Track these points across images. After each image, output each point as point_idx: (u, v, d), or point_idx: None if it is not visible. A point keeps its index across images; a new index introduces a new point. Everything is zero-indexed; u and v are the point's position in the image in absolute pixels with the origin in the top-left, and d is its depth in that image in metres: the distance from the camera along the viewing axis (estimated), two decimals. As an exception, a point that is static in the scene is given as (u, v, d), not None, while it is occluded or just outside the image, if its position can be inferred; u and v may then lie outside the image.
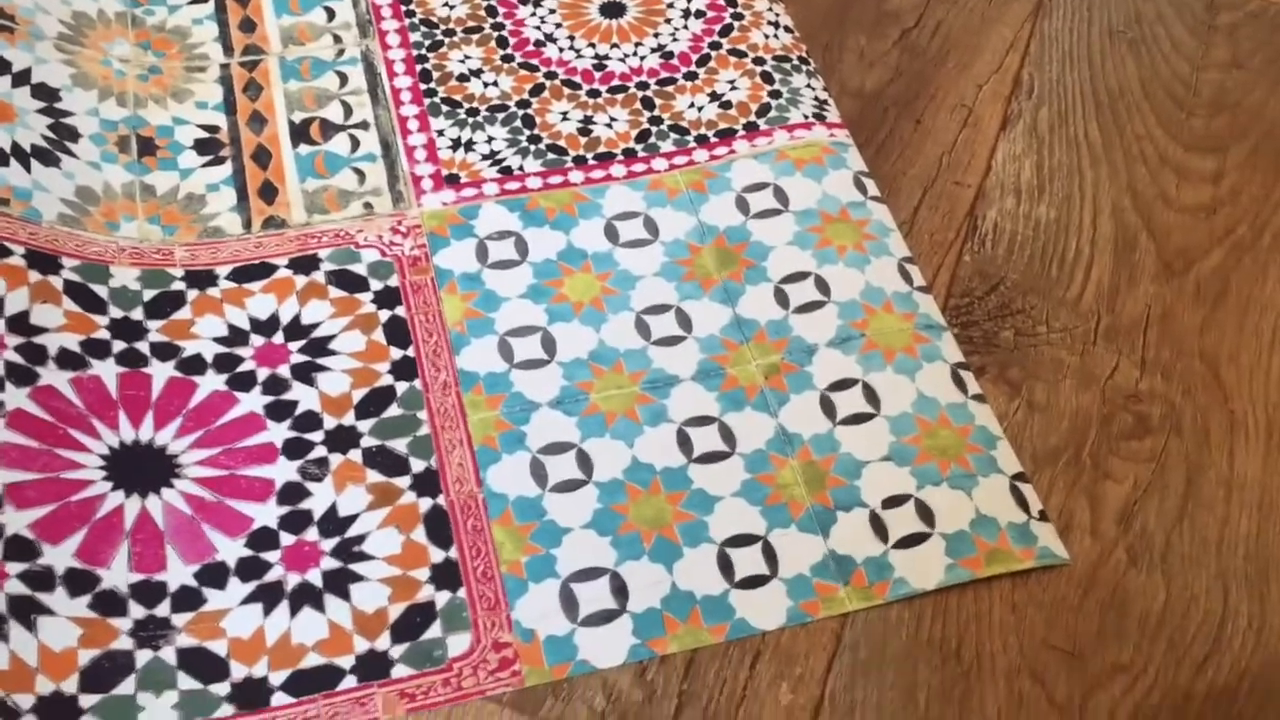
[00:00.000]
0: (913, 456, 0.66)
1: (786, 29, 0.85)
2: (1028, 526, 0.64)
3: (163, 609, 0.57)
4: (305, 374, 0.67)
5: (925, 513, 0.63)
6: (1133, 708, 0.58)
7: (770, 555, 0.62)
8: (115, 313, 0.68)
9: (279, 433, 0.64)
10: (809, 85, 0.82)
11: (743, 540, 0.62)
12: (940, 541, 0.63)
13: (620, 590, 0.60)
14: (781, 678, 0.58)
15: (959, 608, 0.61)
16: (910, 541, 0.63)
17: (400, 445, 0.65)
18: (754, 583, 0.61)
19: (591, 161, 0.78)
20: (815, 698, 0.57)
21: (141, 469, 0.61)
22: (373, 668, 0.56)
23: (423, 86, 0.81)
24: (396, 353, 0.69)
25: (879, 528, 0.63)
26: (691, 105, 0.80)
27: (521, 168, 0.77)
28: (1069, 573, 0.62)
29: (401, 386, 0.67)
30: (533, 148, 0.78)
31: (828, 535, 0.63)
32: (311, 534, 0.61)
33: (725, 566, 0.62)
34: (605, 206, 0.75)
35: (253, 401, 0.66)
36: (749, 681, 0.57)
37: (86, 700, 0.52)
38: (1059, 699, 0.58)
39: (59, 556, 0.56)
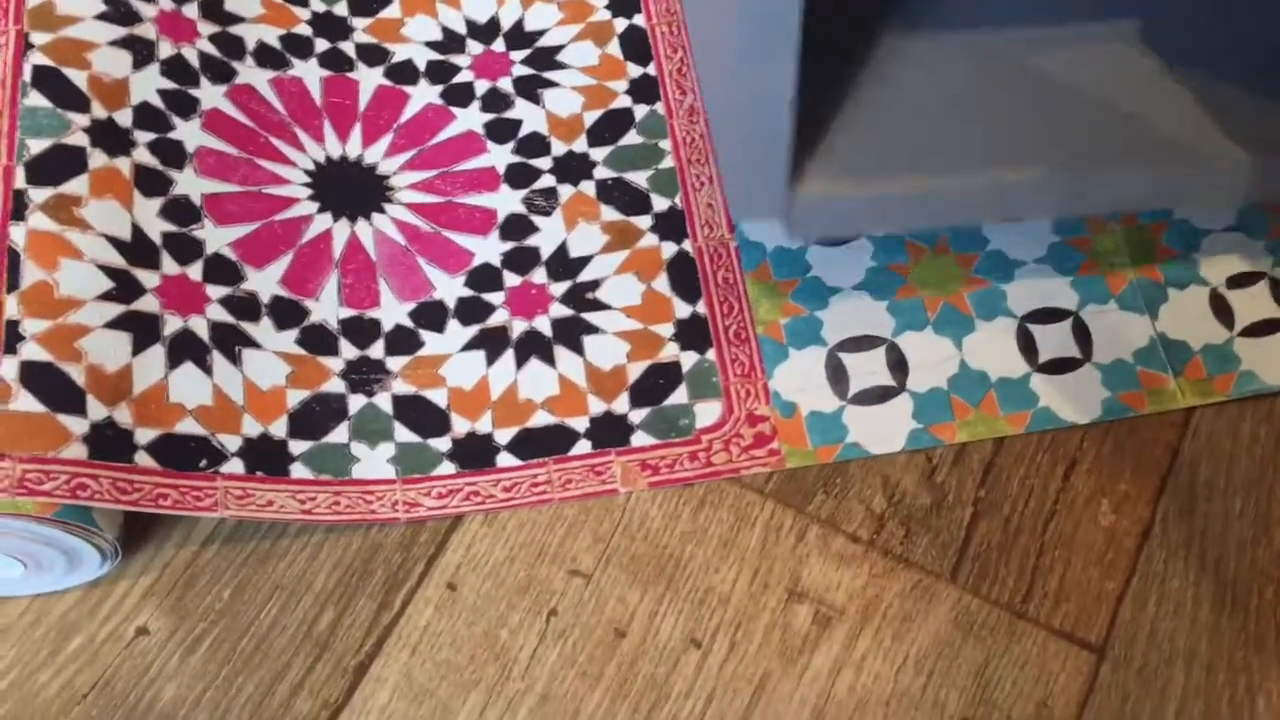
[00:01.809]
0: (1269, 227, 0.52)
1: None
2: None
3: (376, 350, 0.49)
4: (530, 89, 0.57)
5: (1287, 297, 0.51)
6: None
7: (1083, 335, 0.51)
8: (318, 6, 0.58)
9: (501, 156, 0.55)
10: None
11: (1049, 315, 0.51)
12: (1303, 335, 0.50)
13: (899, 365, 0.50)
14: (1102, 494, 0.47)
15: (1333, 424, 0.48)
16: (1263, 329, 0.50)
17: (640, 179, 0.54)
18: (1062, 366, 0.50)
19: None
20: (1144, 521, 0.46)
21: (350, 190, 0.53)
22: (610, 433, 0.48)
23: None
24: (635, 69, 0.57)
25: (1222, 310, 0.51)
26: None
27: None
28: None
29: (641, 110, 0.56)
30: None
31: (1156, 316, 0.51)
32: (539, 275, 0.52)
33: (1027, 346, 0.50)
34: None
35: (471, 119, 0.56)
36: (1060, 494, 0.47)
37: (297, 446, 0.46)
38: None
39: (264, 282, 0.49)
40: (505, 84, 0.57)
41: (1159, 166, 0.48)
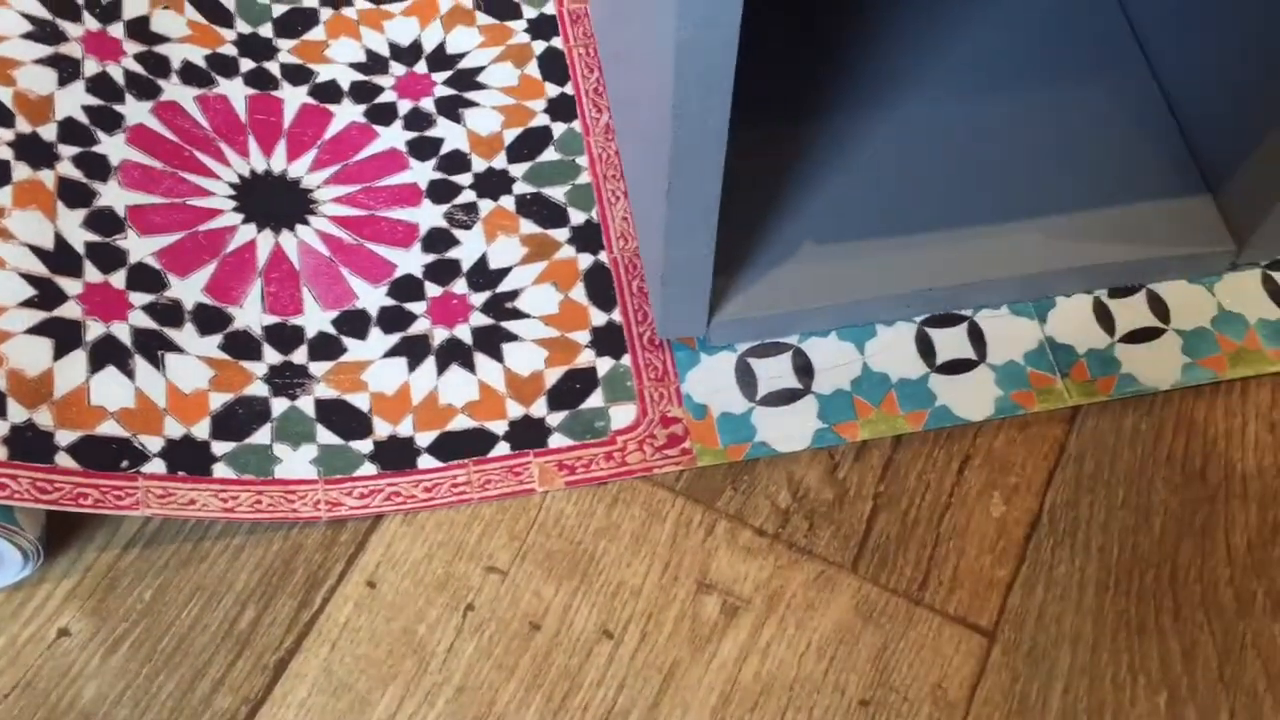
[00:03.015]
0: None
1: None
2: (1285, 324, 0.54)
3: (299, 356, 0.51)
4: (451, 109, 0.59)
5: (1159, 305, 0.54)
6: None
7: (978, 338, 0.53)
8: (243, 28, 0.60)
9: (423, 173, 0.57)
10: None
11: (947, 320, 0.54)
12: (1176, 337, 0.53)
13: (804, 369, 0.52)
14: (993, 486, 0.50)
15: (1207, 422, 0.52)
16: (1141, 336, 0.53)
17: (558, 194, 0.56)
18: (959, 367, 0.53)
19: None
20: (1032, 511, 0.49)
21: (275, 202, 0.55)
22: (528, 435, 0.50)
23: None
24: (553, 89, 0.60)
25: (1104, 317, 0.54)
26: None
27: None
28: (1344, 389, 0.52)
29: (559, 128, 0.59)
30: None
31: (1044, 321, 0.54)
32: (460, 286, 0.54)
33: (926, 349, 0.53)
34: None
35: (393, 137, 0.58)
36: (955, 487, 0.50)
37: (220, 447, 0.47)
38: (1324, 533, 0.49)
39: (187, 290, 0.50)
40: (427, 104, 0.59)
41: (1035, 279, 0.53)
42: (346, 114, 0.58)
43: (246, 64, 0.59)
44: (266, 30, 0.60)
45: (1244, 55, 0.51)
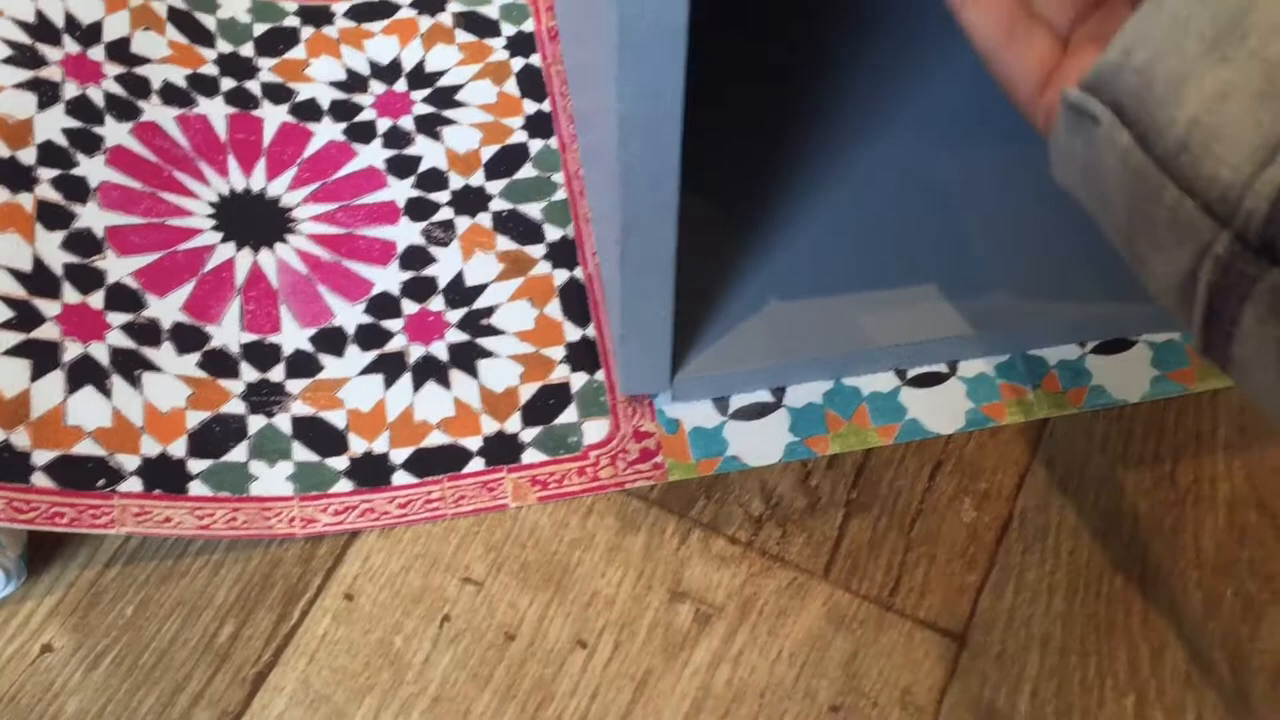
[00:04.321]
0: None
1: None
2: (1266, 336, 0.54)
3: (277, 373, 0.51)
4: (430, 127, 0.60)
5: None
6: (1383, 551, 0.49)
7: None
8: (224, 47, 0.61)
9: (401, 190, 0.58)
10: None
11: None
12: (1147, 349, 0.54)
13: (778, 385, 0.53)
14: (965, 492, 0.50)
15: (1177, 426, 0.52)
16: (1112, 348, 0.54)
17: (534, 210, 0.57)
18: (931, 380, 0.53)
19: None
20: (1002, 516, 0.50)
21: (253, 221, 0.55)
22: (502, 451, 0.50)
23: None
24: (531, 106, 0.61)
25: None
26: None
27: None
28: (1312, 392, 0.53)
29: (536, 145, 0.59)
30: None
31: (1018, 334, 0.54)
32: (436, 303, 0.54)
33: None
34: None
35: (372, 155, 0.59)
36: (926, 494, 0.50)
37: (196, 465, 0.48)
38: (1292, 535, 0.49)
39: (165, 309, 0.51)
40: (406, 122, 0.60)
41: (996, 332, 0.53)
42: (326, 132, 0.59)
43: (227, 83, 0.59)
44: (247, 49, 0.61)
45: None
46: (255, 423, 0.50)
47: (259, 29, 0.62)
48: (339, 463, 0.50)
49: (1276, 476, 0.51)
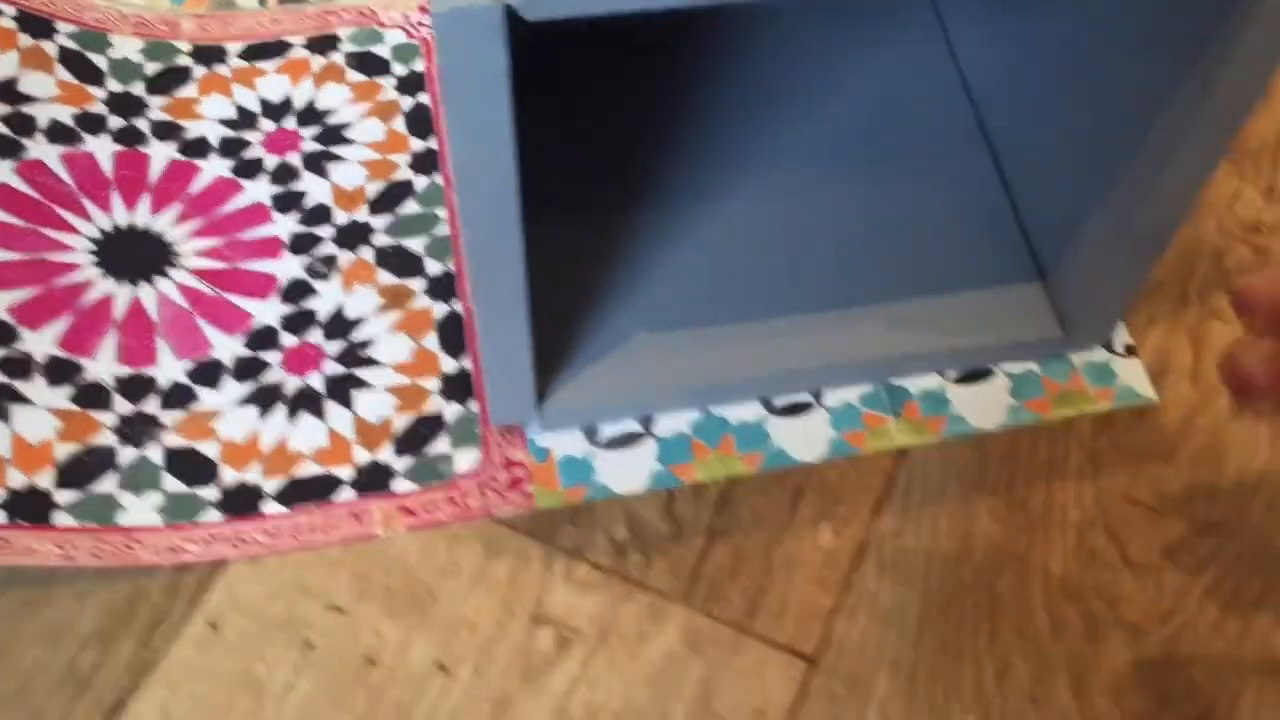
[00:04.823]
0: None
1: None
2: (1108, 365, 0.56)
3: (151, 405, 0.52)
4: (317, 163, 0.61)
5: (998, 345, 0.57)
6: (1221, 571, 0.51)
7: (818, 383, 0.56)
8: (114, 86, 0.62)
9: (286, 226, 0.59)
10: None
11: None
12: (1005, 380, 0.56)
13: (647, 416, 0.54)
14: (825, 517, 0.52)
15: (1030, 453, 0.54)
16: (972, 378, 0.56)
17: (417, 245, 0.59)
18: (796, 410, 0.55)
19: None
20: (859, 541, 0.51)
21: (135, 256, 0.56)
22: (373, 480, 0.52)
23: None
24: (418, 144, 0.62)
25: (940, 359, 0.57)
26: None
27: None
28: (1160, 421, 0.55)
29: (421, 181, 0.61)
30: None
31: (883, 364, 0.56)
32: (315, 336, 0.55)
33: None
34: None
35: (259, 191, 0.60)
36: (788, 520, 0.52)
37: (63, 496, 0.49)
38: (1135, 557, 0.51)
39: (39, 343, 0.52)
40: (294, 158, 0.61)
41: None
42: (213, 168, 0.60)
43: (116, 121, 0.61)
44: (138, 88, 0.62)
45: (1077, 146, 0.52)
46: (126, 454, 0.51)
47: (151, 68, 0.63)
48: (209, 493, 0.51)
49: (1124, 503, 0.53)
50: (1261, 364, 0.39)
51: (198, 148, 0.61)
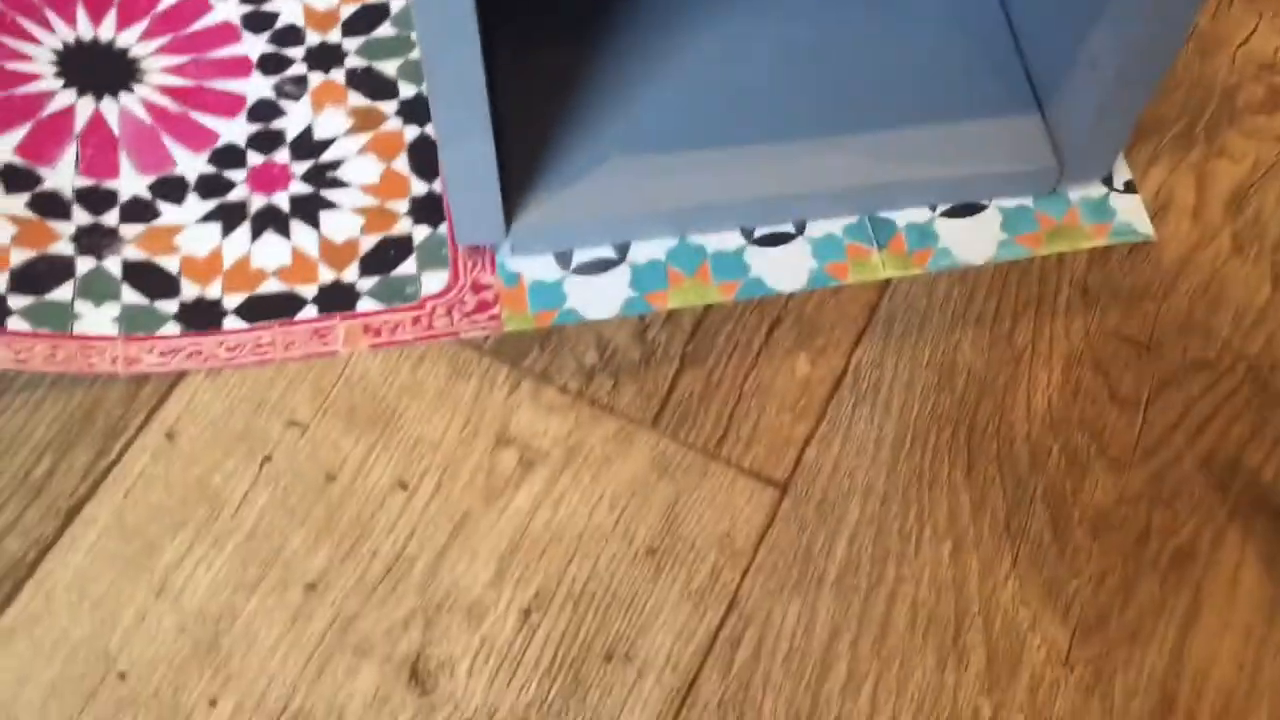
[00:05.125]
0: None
1: None
2: (1105, 200, 0.54)
3: (110, 218, 0.51)
4: (290, -18, 0.58)
5: (992, 179, 0.54)
6: (1210, 409, 0.49)
7: (804, 216, 0.54)
8: (78, -101, 0.59)
9: (256, 45, 0.56)
10: None
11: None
12: (996, 214, 0.53)
13: (623, 241, 0.53)
14: (801, 347, 0.50)
15: (1020, 286, 0.52)
16: (963, 211, 0.53)
17: (389, 68, 0.56)
18: (777, 240, 0.53)
19: None
20: (836, 370, 0.50)
21: (99, 70, 0.54)
22: (337, 299, 0.50)
23: None
24: (396, -34, 0.59)
25: (932, 194, 0.54)
26: None
27: None
28: (1157, 258, 0.53)
29: (397, 2, 0.58)
30: None
31: (872, 198, 0.54)
32: (282, 155, 0.53)
33: (750, 225, 0.53)
34: None
35: (228, 10, 0.57)
36: (763, 348, 0.50)
37: (17, 301, 0.47)
38: (1123, 393, 0.49)
39: (-5, 150, 0.50)
40: (266, -22, 0.59)
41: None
42: (183, -12, 0.58)
43: (81, -64, 0.58)
44: (105, -95, 0.59)
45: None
46: (84, 264, 0.49)
47: (118, -119, 0.60)
48: (169, 306, 0.49)
49: (1115, 339, 0.51)
50: None
51: (165, -36, 0.58)
